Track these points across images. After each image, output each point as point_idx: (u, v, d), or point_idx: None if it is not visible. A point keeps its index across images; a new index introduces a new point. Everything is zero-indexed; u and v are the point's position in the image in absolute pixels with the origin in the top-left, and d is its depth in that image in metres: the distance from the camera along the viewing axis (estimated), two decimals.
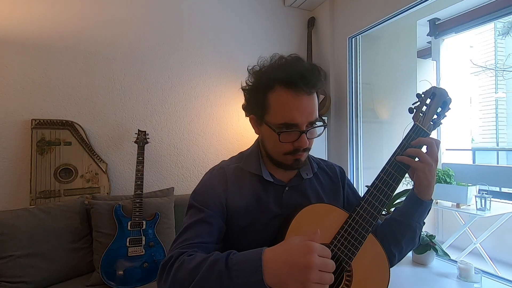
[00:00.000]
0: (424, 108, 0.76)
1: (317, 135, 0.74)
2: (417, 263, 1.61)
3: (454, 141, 4.01)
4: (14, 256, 1.34)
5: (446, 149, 3.71)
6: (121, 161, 1.90)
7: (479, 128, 6.77)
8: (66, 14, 1.77)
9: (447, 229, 3.18)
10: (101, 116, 1.86)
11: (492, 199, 2.46)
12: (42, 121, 1.67)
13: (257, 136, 0.83)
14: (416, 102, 0.77)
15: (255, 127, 0.79)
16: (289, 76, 0.67)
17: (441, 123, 0.77)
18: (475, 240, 2.58)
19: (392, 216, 0.79)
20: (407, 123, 0.82)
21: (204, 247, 0.66)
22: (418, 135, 0.74)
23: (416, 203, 0.74)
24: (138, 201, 1.58)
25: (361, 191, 2.07)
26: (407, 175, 0.75)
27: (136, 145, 1.74)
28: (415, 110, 0.77)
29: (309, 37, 2.43)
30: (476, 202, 2.42)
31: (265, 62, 0.75)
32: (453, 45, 3.71)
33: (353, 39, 2.22)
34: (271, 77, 0.70)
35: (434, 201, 1.90)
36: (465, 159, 4.61)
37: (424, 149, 0.72)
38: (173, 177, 2.06)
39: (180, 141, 2.08)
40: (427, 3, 1.70)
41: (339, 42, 2.30)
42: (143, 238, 1.53)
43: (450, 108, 0.77)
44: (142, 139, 1.76)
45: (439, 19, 3.25)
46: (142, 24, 1.97)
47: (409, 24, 2.70)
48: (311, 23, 2.46)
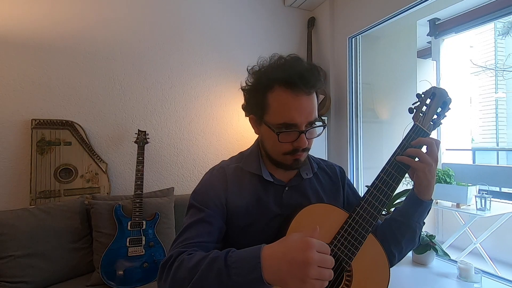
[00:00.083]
0: (424, 108, 0.76)
1: (316, 135, 0.74)
2: (417, 263, 1.61)
3: (454, 141, 4.01)
4: (14, 256, 1.34)
5: (446, 149, 3.70)
6: (121, 161, 1.90)
7: (479, 128, 6.76)
8: (66, 14, 1.77)
9: (447, 229, 3.18)
10: (101, 116, 1.86)
11: (492, 199, 2.46)
12: (42, 121, 1.68)
13: (257, 136, 0.83)
14: (416, 102, 0.77)
15: (255, 127, 0.79)
16: (288, 76, 0.67)
17: (441, 123, 0.77)
18: (475, 240, 2.57)
19: (392, 216, 0.79)
20: (407, 123, 0.82)
21: (204, 246, 0.66)
22: (418, 135, 0.74)
23: (416, 203, 0.74)
24: (138, 201, 1.58)
25: (361, 191, 2.07)
26: (407, 175, 0.75)
27: (136, 145, 1.75)
28: (415, 110, 0.77)
29: (309, 37, 2.43)
30: (476, 202, 2.42)
31: (264, 62, 0.75)
32: (453, 45, 3.70)
33: (353, 39, 2.22)
34: (271, 77, 0.70)
35: (434, 201, 1.90)
36: (465, 159, 4.61)
37: (424, 149, 0.72)
38: (173, 177, 2.06)
39: (180, 141, 2.08)
40: (427, 3, 1.70)
41: (339, 42, 2.30)
42: (143, 238, 1.53)
43: (450, 108, 0.77)
44: (142, 139, 1.76)
45: (439, 19, 3.25)
46: (142, 24, 1.97)
47: (409, 24, 2.69)
48: (311, 23, 2.46)
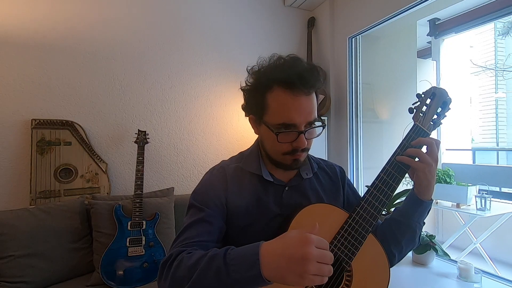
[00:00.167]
0: (424, 108, 0.76)
1: (316, 135, 0.74)
2: (417, 263, 1.60)
3: (454, 141, 4.01)
4: (14, 256, 1.34)
5: (446, 149, 3.70)
6: (121, 161, 1.90)
7: (479, 128, 6.76)
8: (66, 14, 1.77)
9: (447, 229, 3.18)
10: (101, 116, 1.86)
11: (492, 199, 2.45)
12: (42, 121, 1.67)
13: (257, 136, 0.83)
14: (416, 102, 0.77)
15: (254, 127, 0.79)
16: (287, 77, 0.67)
17: (441, 123, 0.77)
18: (475, 240, 2.57)
19: (392, 216, 0.79)
20: (407, 123, 0.82)
21: (204, 246, 0.66)
22: (418, 135, 0.74)
23: (416, 203, 0.74)
24: (138, 201, 1.58)
25: (361, 191, 2.07)
26: (407, 175, 0.75)
27: (136, 145, 1.74)
28: (415, 110, 0.77)
29: (309, 37, 2.43)
30: (476, 202, 2.42)
31: (264, 62, 0.75)
32: (453, 45, 3.70)
33: (353, 39, 2.22)
34: (270, 77, 0.70)
35: (434, 201, 1.90)
36: (465, 159, 4.61)
37: (424, 149, 0.72)
38: (173, 177, 2.06)
39: (180, 141, 2.08)
40: (427, 3, 1.70)
41: (339, 42, 2.30)
42: (143, 238, 1.53)
43: (450, 108, 0.77)
44: (142, 139, 1.76)
45: (439, 19, 3.25)
46: (142, 24, 1.97)
47: (409, 24, 2.69)
48: (311, 23, 2.46)
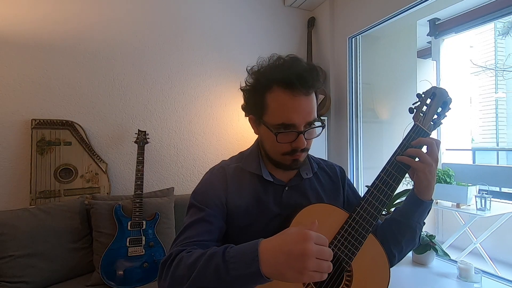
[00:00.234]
0: (425, 108, 0.76)
1: (315, 135, 0.74)
2: (417, 263, 1.60)
3: (454, 141, 4.01)
4: (14, 256, 1.34)
5: (446, 149, 3.70)
6: (121, 161, 1.90)
7: (479, 128, 6.75)
8: (66, 14, 1.77)
9: (447, 229, 3.18)
10: (101, 116, 1.86)
11: (492, 199, 2.45)
12: (42, 121, 1.67)
13: (257, 136, 0.83)
14: (417, 102, 0.77)
15: (254, 127, 0.79)
16: (286, 77, 0.67)
17: (442, 123, 0.77)
18: (475, 240, 2.57)
19: (392, 216, 0.79)
20: (407, 123, 0.82)
21: (204, 245, 0.66)
22: (418, 135, 0.74)
23: (416, 203, 0.74)
24: (138, 201, 1.58)
25: (361, 191, 2.07)
26: (407, 175, 0.75)
27: (136, 145, 1.74)
28: (415, 110, 0.77)
29: (309, 37, 2.43)
30: (476, 202, 2.42)
31: (263, 62, 0.75)
32: (453, 45, 3.70)
33: (353, 39, 2.22)
34: (269, 77, 0.70)
35: (434, 201, 1.90)
36: (465, 159, 4.60)
37: (424, 149, 0.72)
38: (173, 177, 2.06)
39: (180, 141, 2.08)
40: (427, 3, 1.70)
41: (339, 42, 2.30)
42: (143, 238, 1.53)
43: (450, 108, 0.77)
44: (142, 139, 1.76)
45: (439, 19, 3.25)
46: (142, 24, 1.97)
47: (409, 24, 2.69)
48: (311, 23, 2.46)
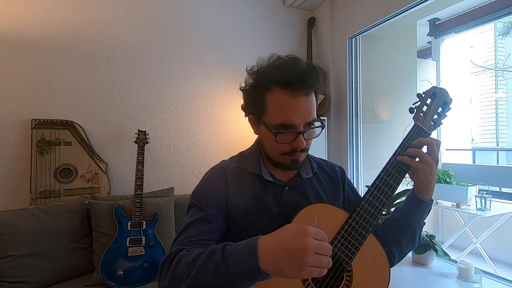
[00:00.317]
0: (425, 108, 0.76)
1: (315, 135, 0.74)
2: (417, 263, 1.60)
3: (454, 141, 4.01)
4: (14, 256, 1.33)
5: (446, 149, 3.70)
6: (121, 161, 1.90)
7: (479, 128, 6.75)
8: (66, 14, 1.77)
9: (447, 229, 3.18)
10: (101, 116, 1.86)
11: (492, 199, 2.45)
12: (42, 121, 1.67)
13: (257, 136, 0.83)
14: (417, 102, 0.77)
15: (254, 127, 0.79)
16: (286, 77, 0.67)
17: (442, 123, 0.77)
18: (475, 240, 2.57)
19: (392, 216, 0.79)
20: (407, 123, 0.82)
21: (204, 244, 0.66)
22: (418, 135, 0.74)
23: (416, 203, 0.74)
24: (138, 201, 1.58)
25: (361, 191, 2.07)
26: (407, 175, 0.75)
27: (136, 145, 1.74)
28: (415, 110, 0.77)
29: (309, 37, 2.43)
30: (476, 202, 2.42)
31: (263, 62, 0.75)
32: (453, 45, 3.70)
33: (353, 39, 2.22)
34: (269, 77, 0.70)
35: (434, 201, 1.90)
36: (465, 159, 4.60)
37: (424, 149, 0.72)
38: (173, 177, 2.06)
39: (180, 141, 2.08)
40: (427, 3, 1.70)
41: (339, 42, 2.30)
42: (143, 238, 1.53)
43: (450, 108, 0.77)
44: (142, 139, 1.76)
45: (439, 19, 3.25)
46: (142, 24, 1.97)
47: (409, 24, 2.69)
48: (311, 23, 2.46)
